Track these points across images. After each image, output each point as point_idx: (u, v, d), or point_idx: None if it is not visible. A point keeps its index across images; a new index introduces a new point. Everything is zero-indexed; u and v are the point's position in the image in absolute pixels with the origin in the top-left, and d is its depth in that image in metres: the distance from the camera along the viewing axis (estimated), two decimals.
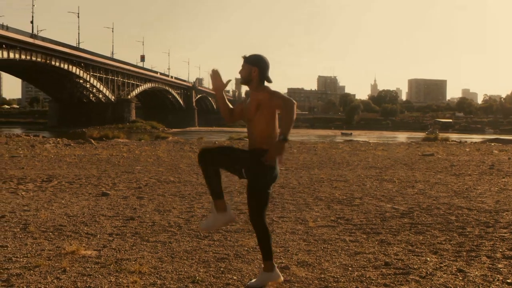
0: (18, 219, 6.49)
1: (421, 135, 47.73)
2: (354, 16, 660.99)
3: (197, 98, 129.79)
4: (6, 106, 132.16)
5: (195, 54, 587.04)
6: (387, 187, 9.78)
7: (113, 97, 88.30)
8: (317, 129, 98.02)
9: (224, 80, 3.86)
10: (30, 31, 64.57)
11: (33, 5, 72.70)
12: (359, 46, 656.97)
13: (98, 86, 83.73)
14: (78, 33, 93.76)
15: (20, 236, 5.56)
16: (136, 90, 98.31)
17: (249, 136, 3.84)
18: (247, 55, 3.78)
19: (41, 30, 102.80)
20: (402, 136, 67.03)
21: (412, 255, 4.89)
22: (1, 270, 4.30)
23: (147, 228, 6.04)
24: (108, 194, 8.71)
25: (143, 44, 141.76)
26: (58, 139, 28.68)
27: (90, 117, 79.09)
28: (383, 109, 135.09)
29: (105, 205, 7.63)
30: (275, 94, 3.69)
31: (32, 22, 65.09)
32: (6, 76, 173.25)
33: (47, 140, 28.43)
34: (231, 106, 3.96)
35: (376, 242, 5.41)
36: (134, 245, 5.21)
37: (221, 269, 4.40)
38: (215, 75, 3.83)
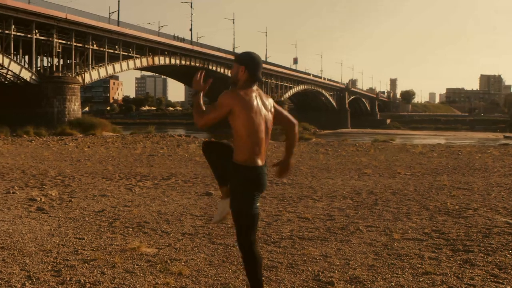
0: (112, 214, 6.90)
1: None
2: None
3: (350, 99, 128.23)
4: (171, 108, 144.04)
5: (349, 56, 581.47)
6: None
7: None
8: (478, 131, 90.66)
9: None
10: (190, 38, 69.47)
11: (191, 14, 78.46)
12: None
13: None
14: (233, 38, 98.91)
15: (102, 230, 5.88)
16: (289, 92, 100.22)
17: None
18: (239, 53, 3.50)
19: (200, 37, 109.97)
20: None
21: (491, 281, 4.17)
22: (61, 261, 4.57)
23: (222, 230, 6.01)
24: (212, 194, 8.88)
25: (295, 47, 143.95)
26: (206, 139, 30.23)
27: None
28: None
29: (201, 204, 7.79)
30: (217, 101, 3.30)
31: (191, 29, 69.97)
32: (170, 81, 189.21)
33: (194, 140, 30.22)
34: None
35: (459, 262, 4.73)
36: (197, 246, 5.20)
37: (262, 278, 4.16)
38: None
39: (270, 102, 3.42)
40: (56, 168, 12.65)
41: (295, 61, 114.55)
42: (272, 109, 3.41)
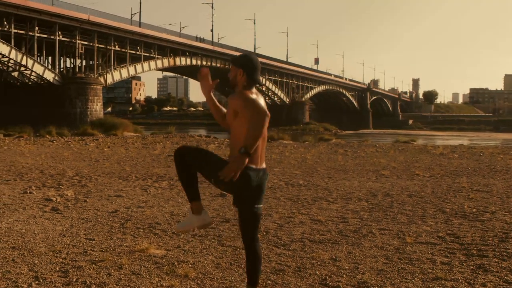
0: (125, 214, 6.93)
1: None
2: None
3: (372, 99, 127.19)
4: (192, 109, 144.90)
5: (370, 56, 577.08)
6: None
7: (287, 100, 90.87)
8: (503, 132, 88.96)
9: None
10: (211, 39, 69.81)
11: (212, 14, 79.00)
12: None
13: (273, 89, 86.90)
14: (254, 39, 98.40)
15: (113, 231, 5.90)
16: (310, 93, 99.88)
17: (229, 144, 3.50)
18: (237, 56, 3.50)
19: (221, 38, 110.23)
20: None
21: None
22: (69, 261, 4.59)
23: (233, 232, 5.98)
24: (226, 195, 8.85)
25: (317, 47, 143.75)
26: (227, 140, 30.30)
27: None
28: None
29: (214, 206, 7.77)
30: (249, 102, 3.23)
31: (212, 30, 70.62)
32: (192, 82, 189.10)
33: (214, 140, 30.30)
34: (223, 110, 3.61)
35: (472, 267, 4.61)
36: (206, 248, 5.18)
37: (268, 281, 4.13)
38: (205, 75, 3.53)
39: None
40: (75, 168, 12.79)
41: (316, 61, 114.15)
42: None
